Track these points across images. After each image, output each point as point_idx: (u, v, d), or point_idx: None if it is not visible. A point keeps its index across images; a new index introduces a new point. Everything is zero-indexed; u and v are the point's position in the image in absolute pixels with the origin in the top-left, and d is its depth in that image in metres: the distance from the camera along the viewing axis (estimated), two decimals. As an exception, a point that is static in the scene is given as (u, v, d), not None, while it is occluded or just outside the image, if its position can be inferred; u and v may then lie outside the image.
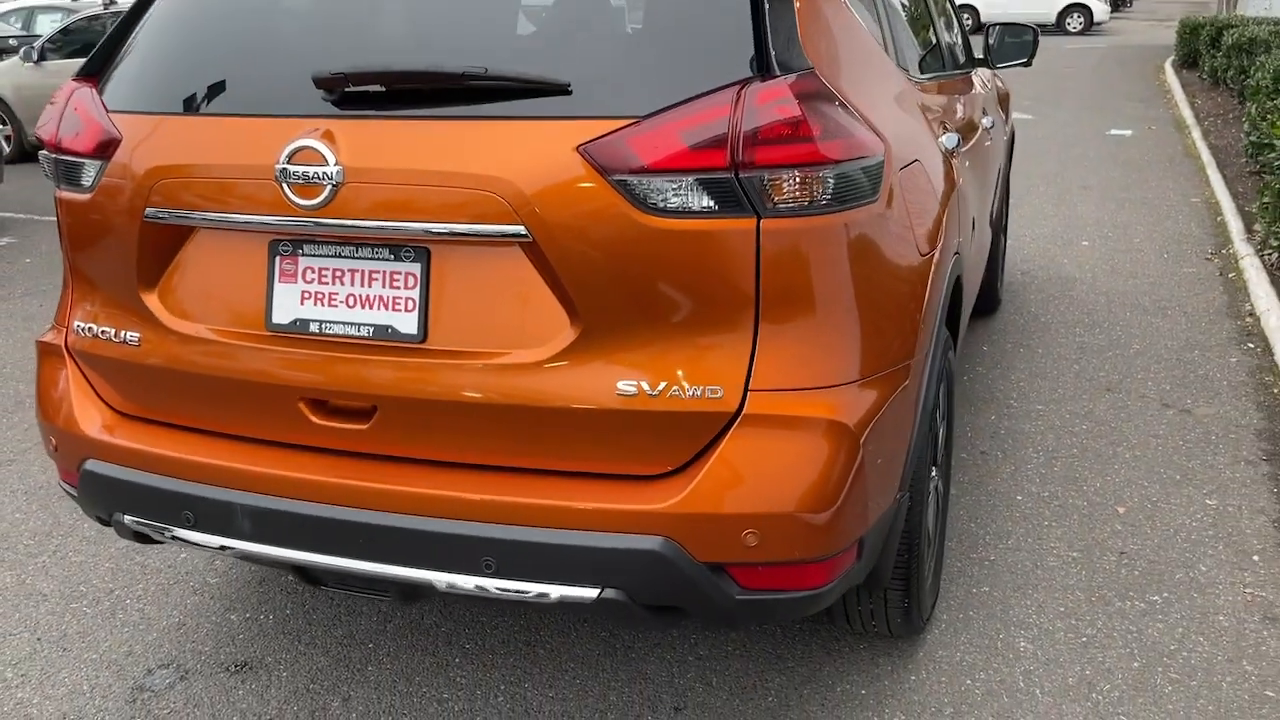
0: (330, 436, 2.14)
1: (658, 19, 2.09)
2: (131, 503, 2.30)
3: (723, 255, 1.91)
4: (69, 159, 2.31)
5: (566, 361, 1.97)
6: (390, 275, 2.06)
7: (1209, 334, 5.12)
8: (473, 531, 2.02)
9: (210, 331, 2.20)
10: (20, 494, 3.80)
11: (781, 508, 1.95)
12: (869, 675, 2.70)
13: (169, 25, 2.34)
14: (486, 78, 1.95)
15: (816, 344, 1.99)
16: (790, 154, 1.89)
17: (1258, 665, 2.69)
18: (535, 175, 1.91)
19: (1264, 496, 3.54)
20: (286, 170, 2.00)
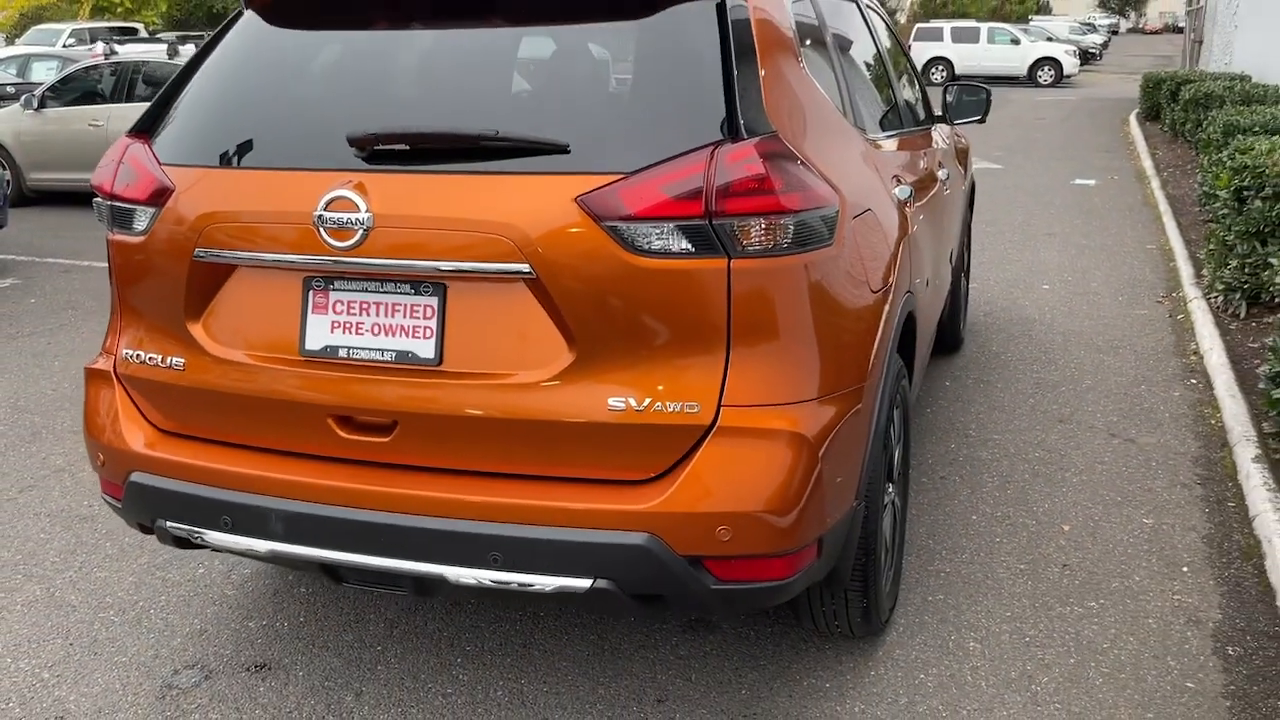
0: (355, 448, 2.44)
1: (643, 89, 2.43)
2: (174, 510, 2.59)
3: (699, 290, 2.24)
4: (123, 205, 2.62)
5: (564, 381, 2.28)
6: (411, 307, 2.37)
7: (1156, 371, 5.48)
8: (481, 530, 2.31)
9: (248, 356, 2.50)
10: (43, 516, 4.06)
11: (750, 507, 2.25)
12: (833, 671, 2.99)
13: (215, 90, 2.67)
14: (498, 139, 2.28)
15: (780, 366, 2.31)
16: (756, 204, 2.22)
17: (1180, 661, 3.00)
18: (539, 221, 2.23)
19: (1196, 516, 3.87)
20: (323, 216, 2.32)
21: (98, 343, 6.04)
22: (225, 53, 2.73)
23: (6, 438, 4.85)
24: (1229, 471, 4.22)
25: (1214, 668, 2.97)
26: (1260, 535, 3.63)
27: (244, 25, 2.76)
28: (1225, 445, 4.46)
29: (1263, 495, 3.82)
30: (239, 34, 2.75)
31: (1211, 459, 4.36)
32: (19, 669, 3.09)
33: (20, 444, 4.78)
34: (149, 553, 3.73)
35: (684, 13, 2.40)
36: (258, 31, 2.73)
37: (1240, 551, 3.60)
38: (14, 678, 3.05)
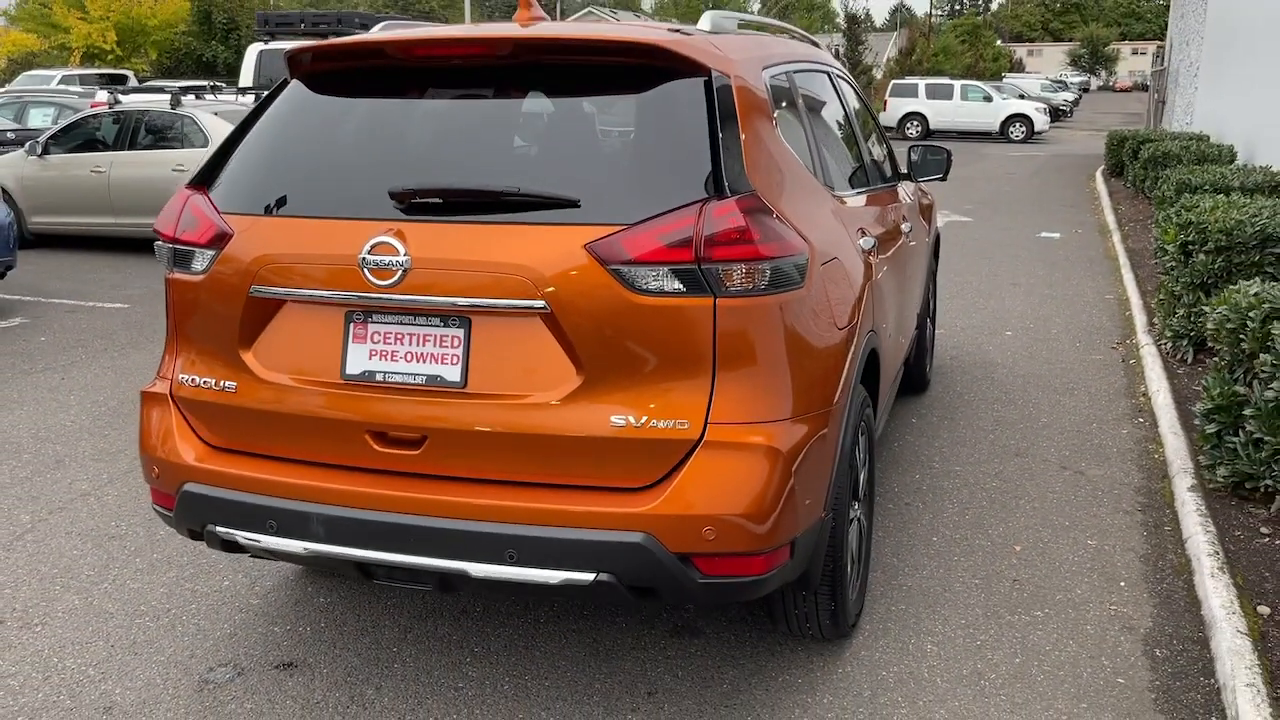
0: (389, 460, 2.79)
1: (642, 152, 2.83)
2: (223, 516, 2.93)
3: (689, 324, 2.62)
4: (185, 248, 2.99)
5: (573, 401, 2.65)
6: (440, 337, 2.74)
7: (1107, 410, 5.90)
8: (499, 530, 2.66)
9: (293, 380, 2.86)
10: (75, 535, 4.37)
11: (733, 511, 2.62)
12: (804, 669, 3.33)
13: (267, 148, 3.05)
14: (519, 195, 2.68)
15: (758, 389, 2.69)
16: (737, 252, 2.62)
17: (1113, 661, 3.37)
18: (553, 264, 2.61)
19: (1135, 538, 4.26)
20: (366, 259, 2.69)
21: (109, 379, 6.43)
22: (275, 116, 3.12)
23: (32, 465, 5.16)
24: (1167, 500, 4.62)
25: (1142, 666, 3.34)
26: (1190, 554, 4.02)
27: (290, 92, 3.15)
28: (1165, 477, 4.87)
29: (1195, 520, 4.22)
30: (286, 100, 3.14)
31: (1153, 489, 4.76)
32: (65, 667, 3.39)
33: (46, 470, 5.08)
34: (177, 567, 4.05)
35: (677, 87, 2.81)
36: (302, 98, 3.13)
37: (1173, 569, 3.99)
38: (62, 675, 3.35)
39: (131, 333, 7.88)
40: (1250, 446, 4.36)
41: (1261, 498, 4.38)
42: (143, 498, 4.72)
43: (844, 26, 34.36)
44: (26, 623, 3.66)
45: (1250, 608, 3.54)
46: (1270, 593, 3.65)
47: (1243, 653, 3.24)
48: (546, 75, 2.94)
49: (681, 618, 3.62)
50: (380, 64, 3.06)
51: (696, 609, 3.64)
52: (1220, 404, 4.54)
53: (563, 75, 2.93)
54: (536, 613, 3.66)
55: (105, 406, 6.08)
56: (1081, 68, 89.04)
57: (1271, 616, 3.51)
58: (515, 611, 3.67)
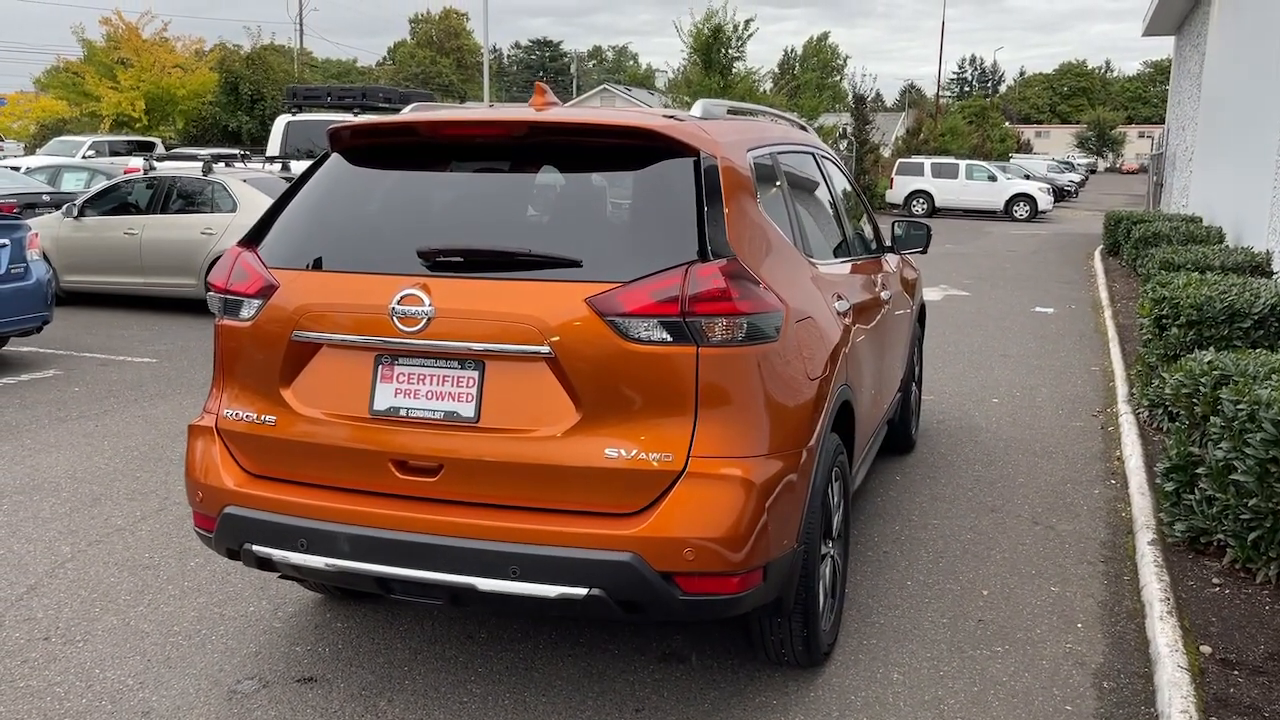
0: (408, 486, 3.16)
1: (636, 220, 3.24)
2: (259, 535, 3.28)
3: (675, 369, 3.00)
4: (235, 298, 3.40)
5: (572, 435, 3.03)
6: (457, 378, 3.13)
7: (1082, 473, 6.23)
8: (504, 549, 3.02)
9: (326, 415, 3.24)
10: (113, 565, 4.72)
11: (710, 534, 2.97)
12: (780, 692, 3.65)
13: (309, 211, 3.48)
14: (529, 255, 3.09)
15: (736, 428, 3.06)
16: (718, 308, 3.01)
17: (1064, 691, 3.67)
18: (558, 316, 3.01)
19: (1096, 586, 4.57)
20: (396, 309, 3.10)
21: (140, 427, 6.84)
22: (316, 184, 3.55)
23: (70, 502, 5.53)
24: (1129, 553, 4.94)
25: (1090, 696, 3.64)
26: (1144, 600, 4.33)
27: (330, 164, 3.59)
28: (1130, 532, 5.18)
29: (1151, 570, 4.54)
30: (326, 170, 3.57)
31: (1117, 544, 5.08)
32: (106, 678, 3.72)
33: (84, 508, 5.45)
34: (206, 594, 4.39)
35: (669, 165, 3.23)
36: (340, 169, 3.56)
37: (1127, 613, 4.30)
38: (103, 685, 3.68)
39: (160, 385, 8.29)
40: (1204, 503, 4.69)
41: (1214, 551, 4.69)
42: (174, 533, 5.08)
43: (852, 106, 35.23)
44: (69, 639, 4.00)
45: (1194, 647, 3.85)
46: (1214, 634, 3.95)
47: (1181, 684, 3.54)
48: (555, 153, 3.37)
49: (669, 645, 3.94)
50: (411, 140, 3.49)
51: (683, 635, 3.97)
52: (1178, 464, 4.88)
53: (570, 153, 3.36)
54: (536, 639, 3.99)
55: (137, 451, 6.46)
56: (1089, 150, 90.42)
57: (1212, 655, 3.81)
58: (516, 637, 4.00)
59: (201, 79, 37.54)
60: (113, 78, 35.91)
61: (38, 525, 5.19)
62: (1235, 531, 4.49)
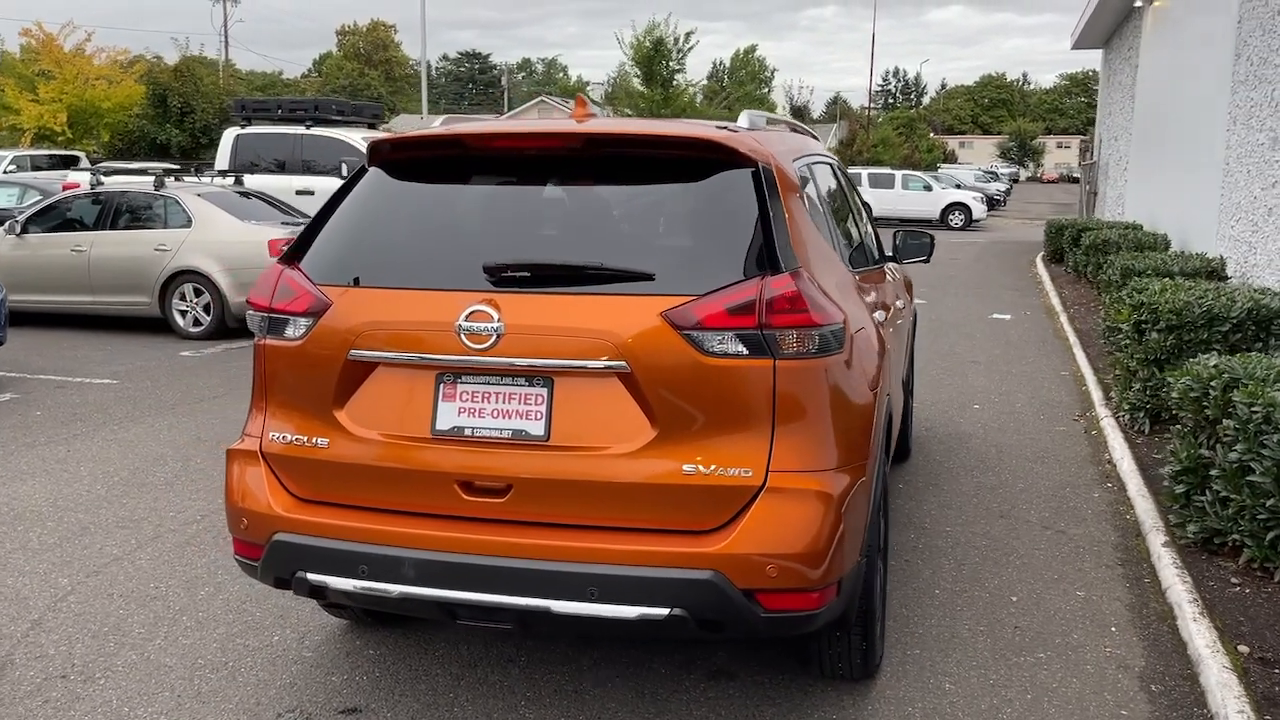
0: (475, 508, 3.06)
1: (703, 232, 3.19)
2: (314, 562, 3.16)
3: (752, 382, 2.96)
4: (280, 317, 3.27)
5: (649, 452, 2.96)
6: (524, 395, 3.05)
7: (1077, 476, 6.32)
8: (581, 569, 2.94)
9: (385, 435, 3.14)
10: (117, 596, 4.52)
11: (793, 550, 2.93)
12: (837, 706, 3.61)
13: (356, 227, 3.36)
14: (601, 269, 3.02)
15: (811, 441, 3.02)
16: (794, 320, 2.98)
17: (1115, 695, 3.70)
18: (634, 330, 2.95)
19: (1120, 590, 4.63)
20: (463, 325, 3.00)
21: (115, 451, 6.62)
22: (358, 199, 3.43)
23: (58, 532, 5.29)
24: (1144, 555, 5.01)
25: (1142, 700, 3.67)
26: (1172, 602, 4.39)
27: (371, 179, 3.47)
28: (1139, 535, 5.27)
29: (1172, 571, 4.61)
30: (367, 185, 3.46)
31: (1129, 546, 5.16)
32: (137, 716, 3.55)
33: (73, 538, 5.22)
34: (224, 624, 4.23)
35: (732, 176, 3.19)
36: (383, 184, 3.45)
37: (1157, 615, 4.35)
38: (149, 708, 3.51)
39: (127, 407, 8.01)
40: (1217, 505, 4.78)
41: (1229, 551, 4.78)
42: (175, 561, 4.89)
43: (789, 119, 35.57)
44: (88, 676, 3.81)
45: (1231, 647, 3.90)
46: (1247, 634, 4.02)
47: (1230, 685, 3.59)
48: (612, 165, 3.31)
49: (715, 662, 3.88)
50: (460, 153, 3.41)
51: (727, 651, 3.92)
52: (1188, 466, 4.97)
53: (627, 165, 3.31)
54: (578, 660, 3.90)
55: (117, 477, 6.22)
56: (1010, 159, 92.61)
57: (1251, 654, 3.87)
58: (557, 660, 3.91)
59: (127, 91, 36.53)
60: (33, 90, 34.78)
61: (29, 557, 4.95)
62: (1252, 531, 4.58)
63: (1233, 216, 10.72)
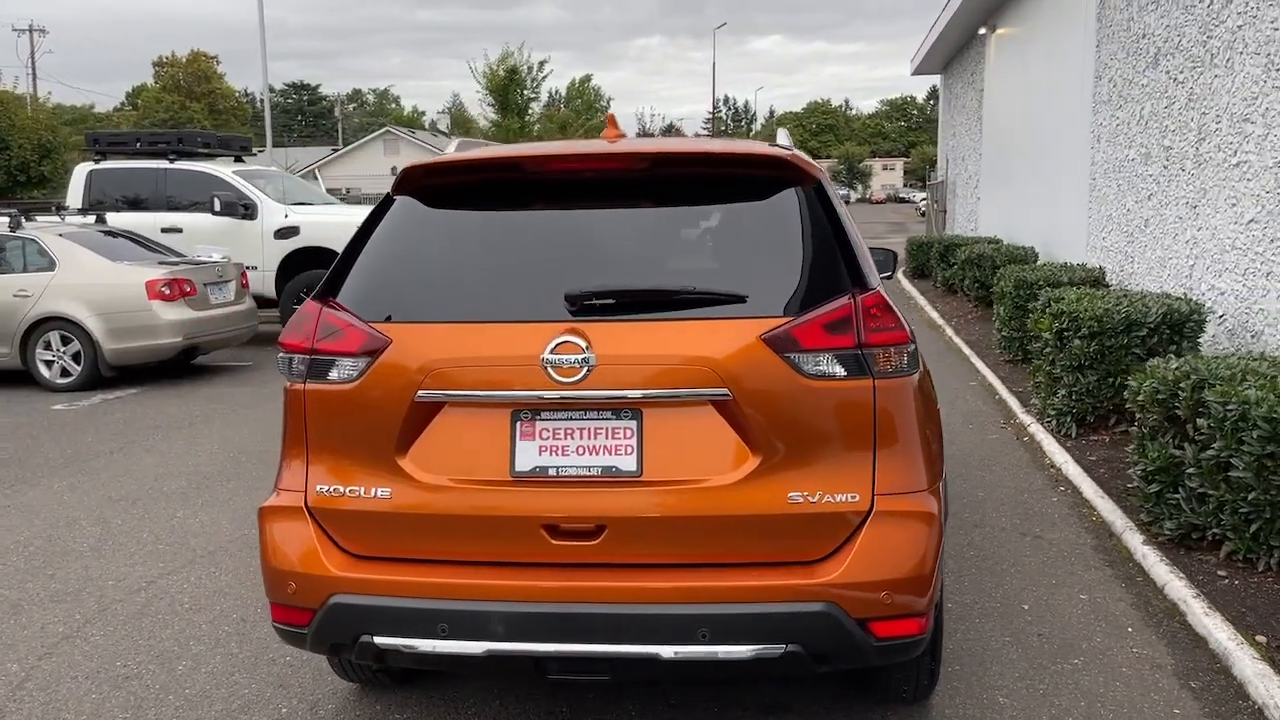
0: (565, 553, 2.86)
1: (779, 251, 3.07)
2: (383, 625, 2.88)
3: (854, 404, 2.87)
4: (326, 358, 2.99)
5: (752, 481, 2.83)
6: (612, 429, 2.87)
7: (1028, 482, 6.49)
8: (690, 610, 2.77)
9: (458, 481, 2.89)
10: (82, 678, 4.05)
11: (904, 574, 2.84)
12: (904, 730, 3.55)
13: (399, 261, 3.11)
14: (693, 293, 2.88)
15: (907, 462, 2.95)
16: (888, 338, 2.91)
17: (1162, 695, 3.76)
18: (733, 355, 2.81)
19: (1118, 590, 4.74)
20: (549, 359, 2.80)
21: (19, 519, 6.06)
22: (392, 230, 3.17)
23: (-15, 611, 4.73)
24: (1125, 555, 5.16)
25: (1188, 697, 3.74)
26: (1174, 599, 4.52)
27: (404, 208, 3.22)
28: (1112, 535, 5.43)
29: (1163, 570, 4.75)
30: (400, 215, 3.20)
31: (1107, 547, 5.31)
32: (155, 813, 3.16)
33: (5, 618, 4.67)
34: (219, 701, 3.84)
35: (796, 194, 3.10)
36: (417, 213, 3.20)
37: (1163, 612, 4.47)
38: (155, 821, 3.13)
39: (13, 469, 7.31)
40: (1193, 501, 4.96)
41: (1208, 546, 4.97)
42: (133, 634, 4.43)
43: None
44: (83, 773, 3.38)
45: (1250, 638, 4.04)
46: (1254, 624, 4.17)
47: (1269, 675, 3.70)
48: (674, 184, 3.17)
49: (763, 697, 3.75)
50: (516, 177, 3.20)
51: (774, 685, 3.79)
52: (1161, 465, 5.15)
53: (694, 184, 3.17)
54: (624, 705, 3.70)
55: (31, 546, 5.63)
56: (841, 182, 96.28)
57: (1269, 644, 4.01)
58: (602, 708, 3.70)
59: (-70, 126, 33.91)
60: None
61: (-40, 642, 4.40)
62: (1234, 525, 4.77)
63: (1103, 228, 11.35)
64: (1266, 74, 7.26)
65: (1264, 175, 7.31)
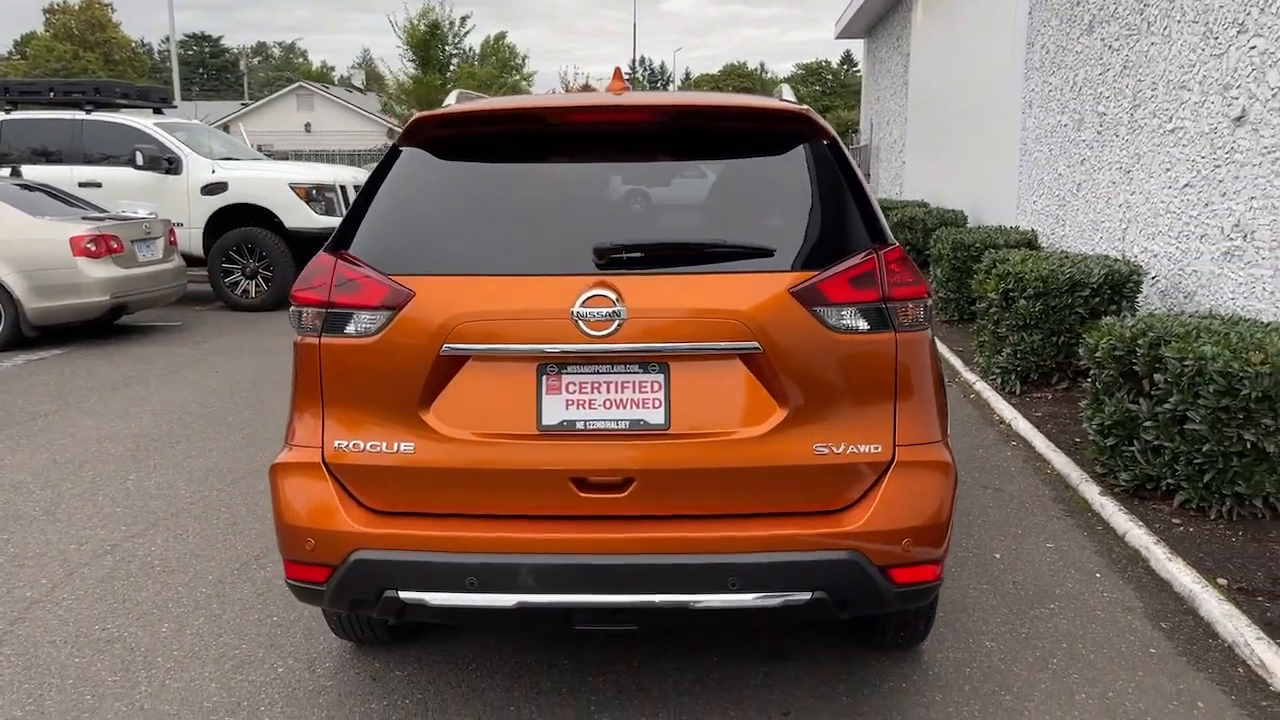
0: (594, 505, 2.87)
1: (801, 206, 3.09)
2: (408, 579, 2.86)
3: (877, 357, 2.93)
4: (343, 311, 2.93)
5: (779, 434, 2.87)
6: (639, 383, 2.88)
7: (981, 437, 6.69)
8: (720, 560, 2.81)
9: (483, 435, 2.88)
10: (62, 642, 3.93)
11: (925, 522, 2.93)
12: (902, 676, 3.65)
13: (417, 213, 3.05)
14: (723, 246, 2.89)
15: (924, 413, 3.03)
16: (909, 292, 2.96)
17: (1137, 635, 3.94)
18: (764, 308, 2.84)
19: (1081, 538, 4.94)
20: (580, 312, 2.79)
21: None
22: (403, 182, 3.11)
23: (-57, 577, 4.55)
24: (1083, 505, 5.37)
25: (1161, 637, 3.93)
26: (1136, 546, 4.73)
27: (413, 160, 3.15)
28: (1069, 487, 5.64)
29: (1123, 518, 4.96)
30: (412, 167, 3.13)
31: (1065, 498, 5.51)
32: (164, 774, 3.11)
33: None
34: (211, 662, 3.77)
35: (812, 149, 3.13)
36: (429, 165, 3.14)
37: (1126, 559, 4.67)
38: (166, 782, 3.08)
39: (-54, 430, 7.01)
40: (1149, 453, 5.18)
41: (1161, 496, 5.20)
42: (107, 597, 4.32)
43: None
44: (81, 737, 3.31)
45: (1212, 580, 4.25)
46: (1213, 568, 4.39)
47: (1234, 615, 3.90)
48: (699, 138, 3.17)
49: (761, 646, 3.83)
50: (535, 129, 3.16)
51: (768, 634, 3.88)
52: (1118, 419, 5.35)
53: (713, 138, 3.18)
54: (626, 658, 3.74)
55: (-19, 509, 5.42)
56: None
57: (1230, 585, 4.23)
58: (603, 661, 3.73)
59: None
60: None
61: (-76, 609, 4.23)
62: (1188, 475, 5.00)
63: (1034, 192, 11.65)
64: (1204, 42, 7.51)
65: (1199, 141, 7.58)
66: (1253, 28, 6.82)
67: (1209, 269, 7.40)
